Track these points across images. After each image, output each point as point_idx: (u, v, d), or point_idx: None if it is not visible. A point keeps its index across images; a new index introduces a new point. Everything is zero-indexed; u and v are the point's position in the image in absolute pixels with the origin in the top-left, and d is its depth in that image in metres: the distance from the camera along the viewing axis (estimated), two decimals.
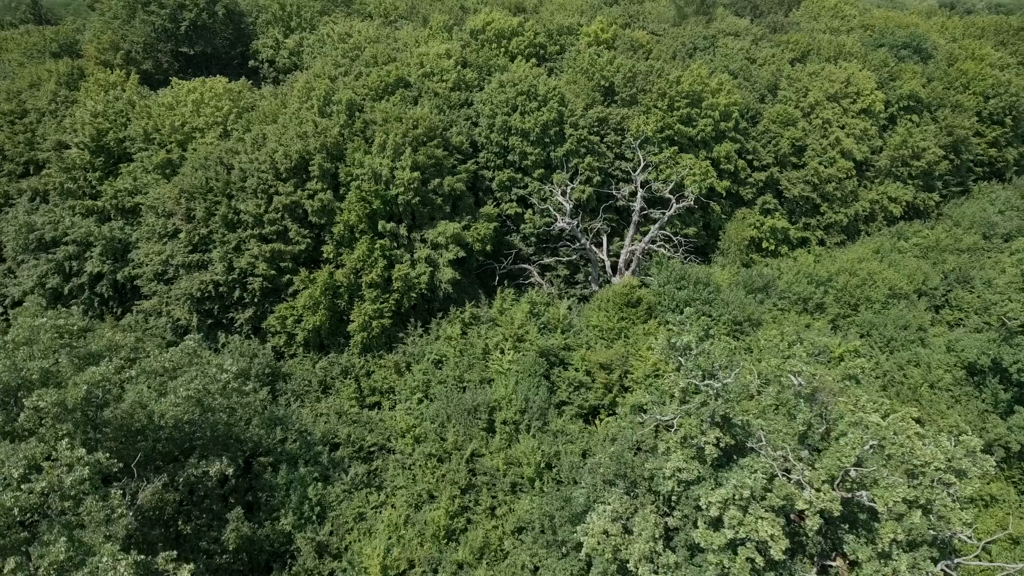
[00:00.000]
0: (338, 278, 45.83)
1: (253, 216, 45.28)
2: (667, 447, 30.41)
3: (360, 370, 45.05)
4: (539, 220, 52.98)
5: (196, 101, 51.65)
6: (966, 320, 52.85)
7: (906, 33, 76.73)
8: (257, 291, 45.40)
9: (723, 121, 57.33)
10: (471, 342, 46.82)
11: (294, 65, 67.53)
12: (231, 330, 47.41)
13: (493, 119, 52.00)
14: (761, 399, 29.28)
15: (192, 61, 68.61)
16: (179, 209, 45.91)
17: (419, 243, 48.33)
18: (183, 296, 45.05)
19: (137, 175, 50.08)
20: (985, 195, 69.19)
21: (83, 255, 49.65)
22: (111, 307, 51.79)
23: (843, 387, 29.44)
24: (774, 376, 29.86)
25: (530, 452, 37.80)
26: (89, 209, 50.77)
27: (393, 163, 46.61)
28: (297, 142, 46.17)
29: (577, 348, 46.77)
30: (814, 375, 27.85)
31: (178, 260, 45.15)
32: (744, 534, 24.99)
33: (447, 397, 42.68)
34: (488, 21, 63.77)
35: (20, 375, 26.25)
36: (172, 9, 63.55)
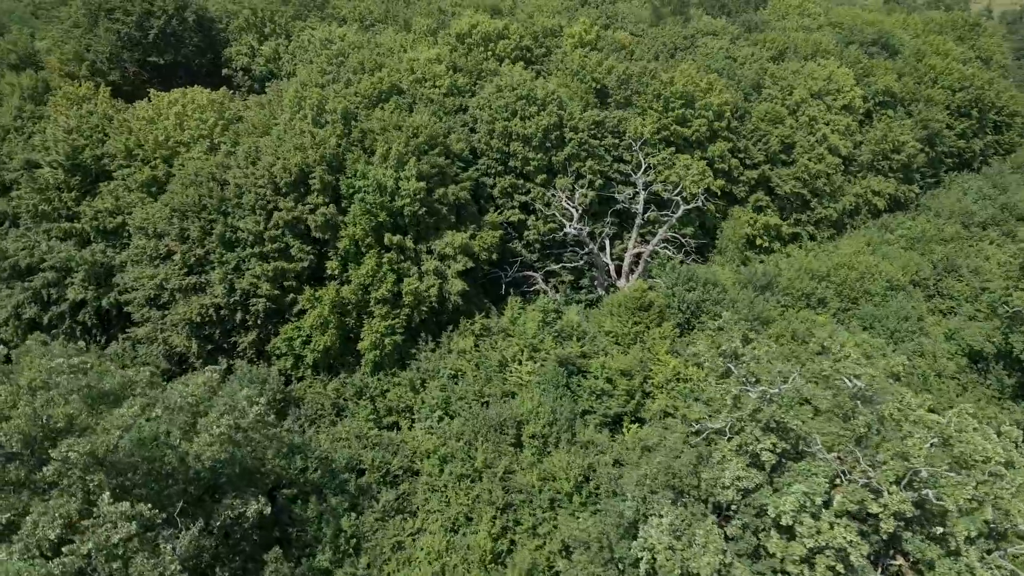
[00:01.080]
0: (346, 295, 44.03)
1: (253, 234, 43.05)
2: (722, 455, 30.01)
3: (374, 390, 43.35)
4: (543, 226, 52.14)
5: (179, 114, 48.85)
6: (958, 308, 54.44)
7: (874, 30, 79.04)
8: (261, 313, 43.20)
9: (716, 120, 57.63)
10: (486, 354, 45.67)
11: (271, 73, 64.83)
12: (233, 355, 45.01)
13: (493, 125, 50.89)
14: (818, 403, 29.13)
15: (161, 71, 65.05)
16: (171, 229, 43.29)
17: (425, 255, 46.86)
18: (181, 322, 42.48)
19: (119, 194, 47.05)
20: (958, 185, 71.71)
21: (63, 282, 46.47)
22: (95, 336, 48.61)
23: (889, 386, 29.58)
24: (826, 378, 29.77)
25: (566, 466, 36.96)
26: (67, 232, 47.45)
27: (397, 173, 45.04)
28: (296, 154, 44.12)
29: (594, 355, 46.14)
30: (874, 377, 27.82)
31: (173, 284, 42.54)
32: (823, 541, 24.69)
33: (470, 413, 41.50)
34: (473, 24, 62.53)
35: (43, 424, 23.95)
36: (138, 16, 60.07)
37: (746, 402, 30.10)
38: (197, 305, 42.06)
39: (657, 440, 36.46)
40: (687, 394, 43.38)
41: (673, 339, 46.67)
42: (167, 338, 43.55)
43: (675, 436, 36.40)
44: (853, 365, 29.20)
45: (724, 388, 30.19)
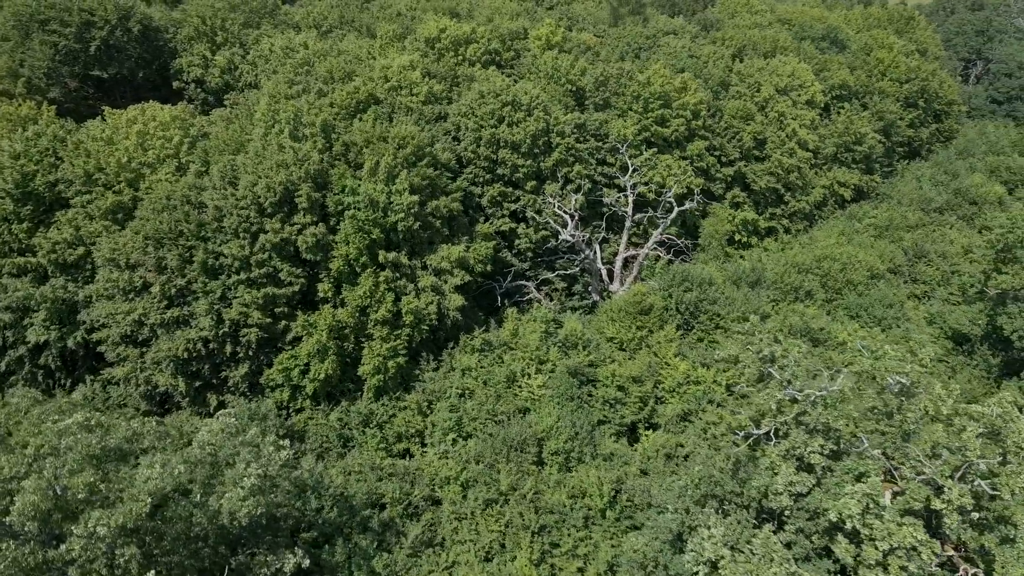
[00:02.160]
0: (342, 318, 41.63)
1: (238, 259, 40.06)
2: (771, 462, 29.67)
3: (381, 417, 41.16)
4: (535, 234, 51.04)
5: (141, 132, 45.06)
6: (932, 292, 56.65)
7: (823, 26, 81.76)
8: (253, 343, 40.25)
9: (694, 120, 57.98)
10: (492, 371, 44.18)
11: (227, 85, 61.08)
12: (223, 390, 41.85)
13: (480, 132, 49.38)
14: (861, 402, 29.16)
15: (103, 85, 60.30)
16: (147, 259, 39.78)
17: (420, 271, 44.94)
18: (165, 359, 39.06)
19: (79, 223, 42.94)
20: (911, 173, 74.99)
21: (20, 323, 42.09)
22: (58, 379, 44.36)
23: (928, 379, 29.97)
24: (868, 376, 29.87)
25: (598, 482, 35.97)
26: (21, 268, 42.97)
27: (388, 187, 42.96)
28: (279, 172, 41.35)
29: (601, 363, 45.41)
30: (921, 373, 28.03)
31: (154, 318, 39.06)
32: (895, 543, 24.57)
33: (486, 434, 39.98)
34: (442, 28, 60.75)
35: (58, 497, 21.09)
36: (77, 27, 55.26)
37: (788, 405, 29.85)
38: (183, 340, 38.77)
39: (690, 448, 35.96)
40: (701, 397, 43.31)
41: (678, 341, 46.52)
42: (149, 377, 40.00)
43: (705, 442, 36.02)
44: (897, 363, 29.41)
45: (768, 393, 29.76)
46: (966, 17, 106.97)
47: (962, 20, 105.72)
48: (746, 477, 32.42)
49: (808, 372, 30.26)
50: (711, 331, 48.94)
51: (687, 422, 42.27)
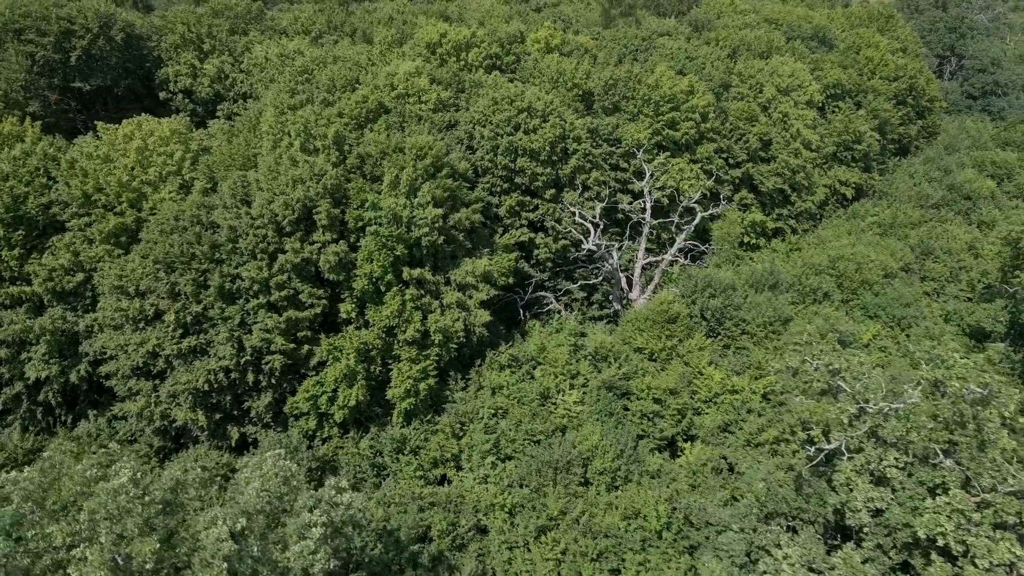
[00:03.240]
0: (368, 340, 39.63)
1: (257, 282, 37.72)
2: (846, 477, 28.88)
3: (414, 442, 39.28)
4: (554, 244, 49.67)
5: (140, 149, 42.20)
6: (942, 289, 57.09)
7: (811, 26, 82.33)
8: (276, 371, 37.94)
9: (703, 122, 57.39)
10: (523, 388, 42.68)
11: (218, 95, 58.12)
12: (244, 422, 39.41)
13: (496, 140, 47.78)
14: (938, 411, 28.57)
15: (84, 98, 56.74)
16: (158, 286, 37.13)
17: (444, 286, 43.17)
18: (184, 391, 36.49)
19: (78, 248, 39.97)
20: (904, 170, 75.96)
21: (17, 358, 38.98)
22: (59, 416, 41.32)
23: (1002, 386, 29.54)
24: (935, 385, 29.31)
25: (654, 501, 34.78)
26: (15, 298, 39.81)
27: (409, 201, 41.12)
28: (297, 188, 39.11)
29: (634, 376, 44.31)
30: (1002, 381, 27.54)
31: (169, 350, 36.43)
32: (995, 560, 23.93)
33: (526, 455, 38.48)
34: (442, 33, 58.89)
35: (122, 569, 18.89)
36: (56, 37, 51.73)
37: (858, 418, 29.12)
38: (203, 371, 36.25)
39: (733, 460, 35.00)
40: (739, 407, 42.55)
41: (710, 350, 45.72)
42: (165, 412, 37.35)
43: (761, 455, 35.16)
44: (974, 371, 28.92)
45: (840, 407, 28.96)
46: (939, 15, 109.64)
47: (935, 18, 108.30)
48: (811, 492, 31.67)
49: (879, 384, 29.56)
50: (737, 337, 48.30)
51: (727, 433, 41.47)
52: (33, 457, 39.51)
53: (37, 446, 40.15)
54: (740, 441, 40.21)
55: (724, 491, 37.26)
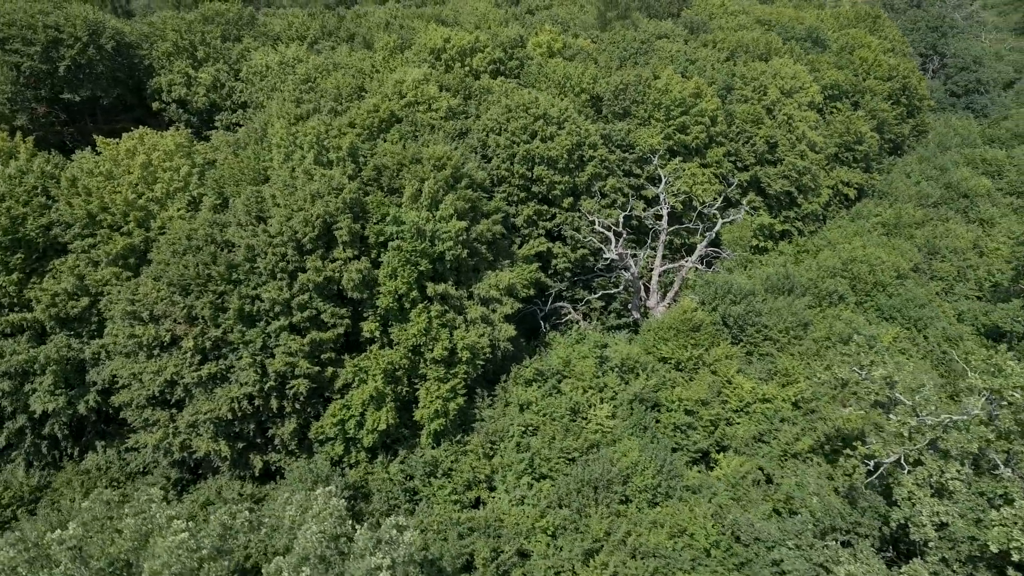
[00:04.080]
0: (394, 360, 38.17)
1: (279, 303, 36.00)
2: (909, 491, 28.36)
3: (446, 464, 37.93)
4: (572, 253, 48.69)
5: (145, 164, 40.10)
6: (951, 289, 57.46)
7: (804, 27, 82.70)
8: (302, 395, 36.27)
9: (712, 126, 56.99)
10: (551, 403, 41.60)
11: (214, 105, 55.90)
12: (266, 450, 37.65)
13: (513, 149, 46.63)
14: (998, 423, 28.22)
15: (71, 109, 54.05)
16: (174, 310, 35.19)
17: (467, 301, 41.88)
18: (206, 421, 34.63)
19: (83, 271, 37.76)
20: (900, 169, 76.65)
21: (20, 390, 36.68)
22: (65, 449, 39.07)
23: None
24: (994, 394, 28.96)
25: (700, 518, 33.99)
26: (15, 326, 37.47)
27: (432, 214, 39.79)
28: (317, 204, 37.48)
29: (662, 387, 43.54)
30: None
31: (189, 378, 34.53)
32: None
33: (562, 473, 37.44)
34: (446, 38, 57.49)
35: None
36: (43, 46, 49.10)
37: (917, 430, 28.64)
38: (226, 399, 34.43)
39: (799, 476, 34.40)
40: (772, 416, 42.04)
41: (737, 358, 45.16)
42: (185, 442, 35.42)
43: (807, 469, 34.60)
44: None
45: (900, 420, 28.44)
46: (920, 14, 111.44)
47: (916, 17, 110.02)
48: (867, 506, 31.15)
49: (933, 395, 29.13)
50: (759, 344, 47.85)
51: (762, 443, 40.92)
52: (40, 494, 37.40)
53: (43, 482, 37.97)
54: (776, 452, 39.69)
55: (766, 504, 36.71)
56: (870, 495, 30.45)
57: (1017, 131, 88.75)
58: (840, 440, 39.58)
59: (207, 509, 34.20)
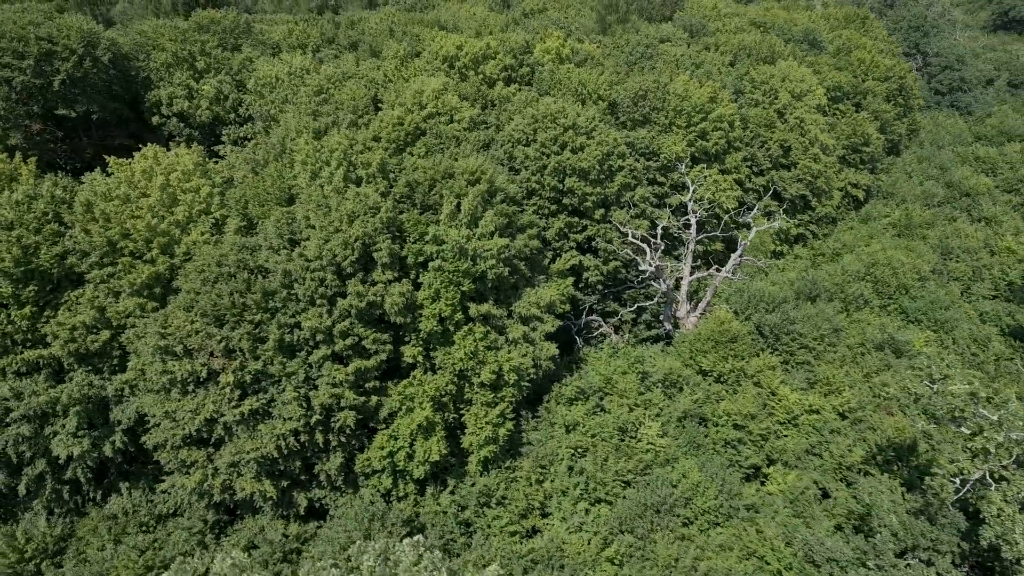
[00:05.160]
0: (440, 386, 36.51)
1: (321, 332, 34.03)
2: (997, 508, 27.84)
3: (499, 493, 36.39)
4: (604, 266, 47.55)
5: (163, 186, 37.62)
6: (968, 289, 57.98)
7: (801, 29, 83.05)
8: (349, 428, 34.35)
9: (731, 131, 56.48)
10: (598, 422, 40.41)
11: (217, 118, 53.23)
12: (309, 487, 35.61)
13: (543, 160, 45.27)
14: None
15: (65, 125, 50.88)
16: (210, 343, 32.95)
17: (507, 320, 40.38)
18: (249, 461, 32.48)
19: (103, 302, 35.19)
20: (901, 169, 77.46)
21: (40, 433, 34.01)
22: (88, 494, 36.44)
23: None
24: None
25: (771, 540, 33.11)
26: (31, 364, 34.76)
27: (471, 231, 38.23)
28: (355, 224, 35.59)
29: (706, 401, 42.69)
30: None
31: (229, 416, 32.35)
32: None
33: (619, 497, 36.27)
34: (459, 45, 55.79)
35: None
36: (36, 60, 45.96)
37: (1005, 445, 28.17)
38: (271, 436, 32.34)
39: (869, 493, 33.73)
40: (822, 427, 41.47)
41: (779, 369, 44.54)
42: (226, 484, 33.20)
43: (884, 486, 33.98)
44: None
45: (987, 436, 27.91)
46: (902, 13, 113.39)
47: (898, 17, 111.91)
48: (946, 522, 30.62)
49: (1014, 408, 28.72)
50: (795, 352, 47.36)
51: (814, 456, 40.32)
52: (65, 544, 34.81)
53: (67, 531, 35.35)
54: (830, 464, 39.13)
55: (829, 520, 36.07)
56: (951, 512, 29.92)
57: (1003, 128, 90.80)
58: (892, 451, 39.24)
59: (252, 553, 32.22)
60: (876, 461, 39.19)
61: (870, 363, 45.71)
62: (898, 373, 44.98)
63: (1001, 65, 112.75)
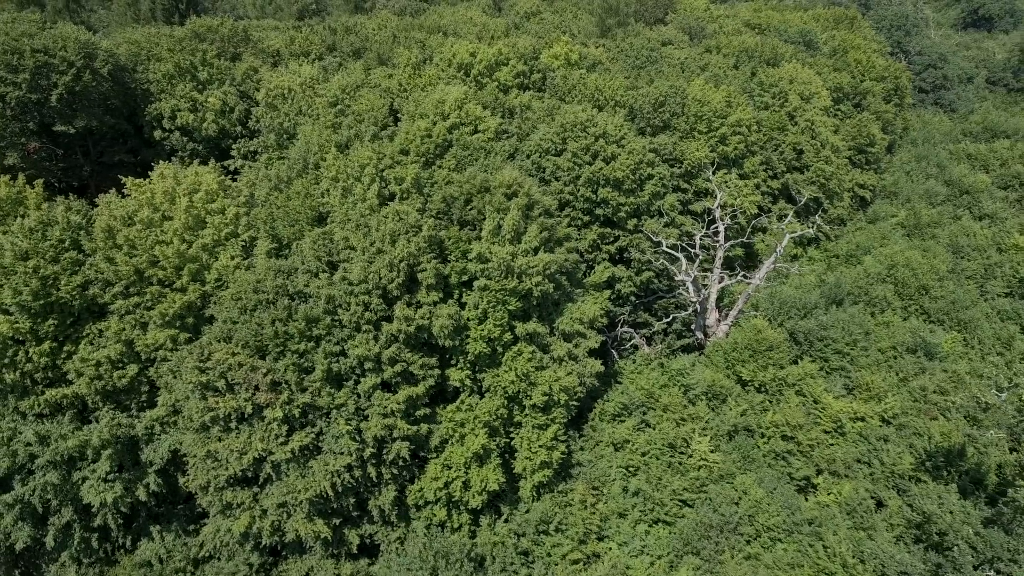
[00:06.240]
0: (492, 410, 35.08)
1: (370, 359, 32.31)
2: None
3: (556, 519, 35.08)
4: (637, 277, 46.62)
5: (189, 207, 35.36)
6: (982, 287, 58.53)
7: (796, 30, 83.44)
8: (404, 459, 32.69)
9: (749, 135, 56.11)
10: (648, 439, 39.44)
11: (224, 131, 50.67)
12: (360, 522, 33.81)
13: (576, 171, 44.10)
14: None
15: (59, 141, 47.80)
16: (255, 377, 30.96)
17: (550, 337, 39.10)
18: (302, 501, 30.59)
19: (129, 335, 32.85)
20: (898, 168, 78.30)
21: (68, 479, 31.60)
22: (116, 541, 34.10)
23: None
24: None
25: (839, 555, 32.46)
26: (54, 405, 32.28)
27: (515, 248, 36.85)
28: (398, 244, 33.94)
29: (750, 412, 42.03)
30: None
31: (279, 454, 30.42)
32: None
33: (677, 516, 35.32)
34: (472, 52, 54.22)
35: None
36: (32, 73, 43.01)
37: None
38: (324, 473, 30.49)
39: (943, 506, 33.27)
40: (869, 434, 41.11)
41: (821, 376, 44.14)
42: (276, 525, 31.23)
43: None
44: None
45: None
46: (883, 12, 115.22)
47: (880, 16, 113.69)
48: (1022, 532, 30.30)
49: None
50: (829, 357, 47.04)
51: (863, 464, 39.94)
52: None
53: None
54: (882, 473, 38.78)
55: (890, 532, 35.67)
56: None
57: (987, 124, 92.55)
58: (942, 457, 39.06)
59: None
60: (926, 467, 39.00)
61: (906, 367, 45.63)
62: (934, 376, 45.07)
63: (980, 63, 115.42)
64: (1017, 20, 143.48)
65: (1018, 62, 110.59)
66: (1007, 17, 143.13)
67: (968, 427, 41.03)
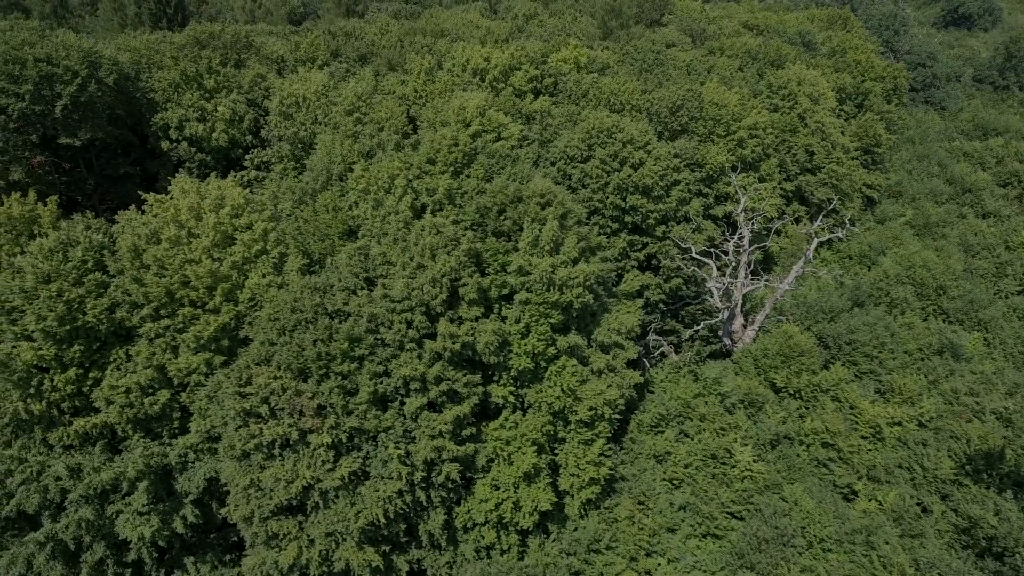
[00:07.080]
0: (538, 427, 34.17)
1: (416, 380, 31.18)
2: None
3: (607, 537, 34.27)
4: (666, 284, 46.01)
5: (217, 224, 33.82)
6: (996, 285, 59.05)
7: (795, 31, 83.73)
8: (454, 481, 31.60)
9: (765, 138, 55.91)
10: (689, 450, 38.85)
11: (233, 141, 48.92)
12: (407, 548, 32.62)
13: (604, 178, 43.34)
14: None
15: (62, 154, 45.69)
16: (300, 401, 29.64)
17: (588, 350, 38.31)
18: (353, 530, 29.34)
19: (160, 359, 31.31)
20: (900, 167, 78.94)
21: (102, 514, 29.98)
22: (150, 573, 32.49)
23: None
24: None
25: (898, 566, 32.11)
26: (83, 436, 30.58)
27: (554, 259, 35.97)
28: (439, 259, 32.85)
29: (788, 419, 41.64)
30: None
31: (328, 482, 29.15)
32: None
33: (730, 530, 34.73)
34: (487, 57, 53.18)
35: None
36: (35, 84, 40.96)
37: None
38: (375, 500, 29.28)
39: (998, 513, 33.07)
40: (908, 439, 40.96)
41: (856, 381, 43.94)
42: (325, 555, 29.91)
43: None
44: None
45: None
46: (872, 11, 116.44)
47: (868, 15, 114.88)
48: None
49: None
50: (858, 360, 46.92)
51: (904, 470, 39.77)
52: None
53: None
54: (924, 478, 38.62)
55: (939, 539, 35.48)
56: None
57: (978, 122, 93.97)
58: (982, 460, 39.01)
59: None
60: (967, 471, 38.94)
61: (935, 369, 45.66)
62: (964, 377, 45.15)
63: (965, 61, 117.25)
64: (996, 18, 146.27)
65: (1003, 60, 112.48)
66: (986, 15, 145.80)
67: (1002, 429, 41.09)
